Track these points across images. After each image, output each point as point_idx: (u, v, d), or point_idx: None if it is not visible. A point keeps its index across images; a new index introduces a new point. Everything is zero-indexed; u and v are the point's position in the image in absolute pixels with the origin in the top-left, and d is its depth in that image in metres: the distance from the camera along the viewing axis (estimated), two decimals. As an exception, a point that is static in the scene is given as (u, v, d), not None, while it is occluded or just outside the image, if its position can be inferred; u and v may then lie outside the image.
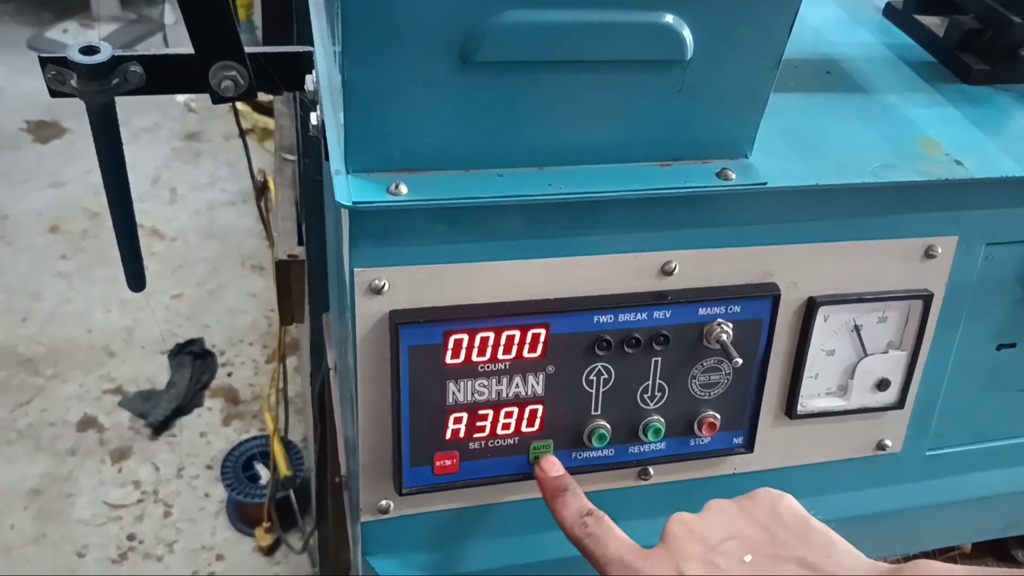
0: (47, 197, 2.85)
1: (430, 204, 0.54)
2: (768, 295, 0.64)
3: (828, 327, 0.68)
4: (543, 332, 0.61)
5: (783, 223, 0.63)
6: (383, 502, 0.65)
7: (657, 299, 0.62)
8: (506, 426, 0.63)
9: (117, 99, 0.67)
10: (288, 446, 1.91)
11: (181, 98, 3.02)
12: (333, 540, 1.43)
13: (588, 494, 0.61)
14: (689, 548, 0.49)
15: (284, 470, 1.80)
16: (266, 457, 2.01)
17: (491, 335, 0.60)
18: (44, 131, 3.14)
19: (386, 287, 0.58)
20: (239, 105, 2.16)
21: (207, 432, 2.21)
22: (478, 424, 0.63)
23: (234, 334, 2.46)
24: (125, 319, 2.46)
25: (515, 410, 0.63)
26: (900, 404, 0.72)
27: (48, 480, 2.06)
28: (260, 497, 1.93)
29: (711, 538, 0.50)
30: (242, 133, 1.82)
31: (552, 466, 0.62)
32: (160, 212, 2.82)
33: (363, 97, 0.52)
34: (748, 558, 0.47)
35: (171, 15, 3.31)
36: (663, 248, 0.61)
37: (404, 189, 0.54)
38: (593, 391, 0.64)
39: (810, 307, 0.66)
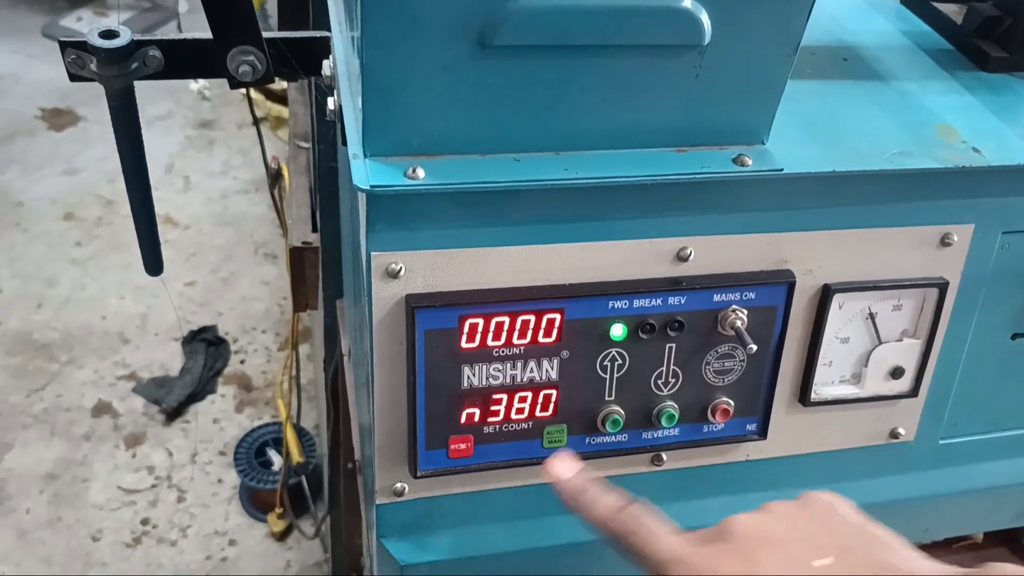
0: (62, 184, 2.87)
1: (447, 188, 0.55)
2: (783, 282, 0.64)
3: (843, 314, 0.68)
4: (558, 317, 0.61)
5: (799, 210, 0.63)
6: (398, 485, 0.66)
7: (672, 285, 0.62)
8: (520, 411, 0.64)
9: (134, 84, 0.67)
10: (300, 433, 1.92)
11: (195, 86, 3.03)
12: (344, 526, 1.45)
13: (601, 479, 0.61)
14: (760, 550, 0.46)
15: (296, 456, 1.81)
16: (279, 443, 2.02)
17: (506, 320, 0.60)
18: (59, 118, 3.16)
19: (402, 271, 0.58)
20: (253, 93, 2.16)
21: (220, 418, 2.22)
22: (492, 408, 0.63)
23: (247, 321, 2.47)
24: (139, 306, 2.48)
25: (529, 395, 0.63)
26: (914, 393, 0.72)
27: (63, 465, 2.08)
28: (272, 483, 1.94)
29: (781, 537, 0.47)
30: (256, 121, 1.82)
31: (566, 469, 0.54)
32: (174, 200, 2.83)
33: (381, 82, 0.52)
34: (829, 560, 0.45)
35: (184, 3, 3.32)
36: (678, 234, 0.62)
37: (421, 173, 0.54)
38: (607, 376, 0.64)
39: (825, 294, 0.66)
